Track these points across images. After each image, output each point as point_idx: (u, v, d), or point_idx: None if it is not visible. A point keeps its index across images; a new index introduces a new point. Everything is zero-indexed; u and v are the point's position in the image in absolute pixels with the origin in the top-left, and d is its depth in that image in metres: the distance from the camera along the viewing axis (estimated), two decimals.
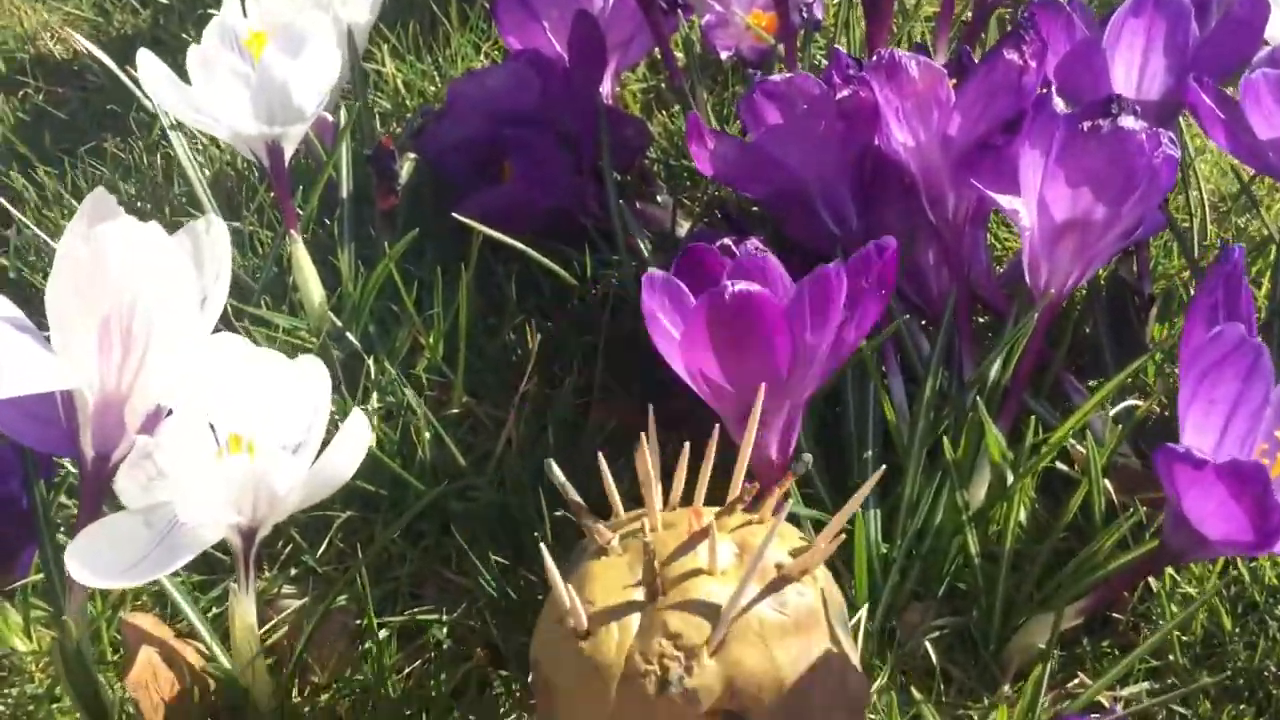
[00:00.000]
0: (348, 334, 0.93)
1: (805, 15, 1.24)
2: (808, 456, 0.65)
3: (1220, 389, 0.51)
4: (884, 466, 0.70)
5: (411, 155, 1.02)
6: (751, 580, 0.59)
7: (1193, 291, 0.95)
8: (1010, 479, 0.76)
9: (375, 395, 0.90)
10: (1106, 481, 0.75)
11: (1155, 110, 0.89)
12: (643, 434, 0.63)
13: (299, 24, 0.87)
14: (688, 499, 0.65)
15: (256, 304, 0.94)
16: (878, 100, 0.83)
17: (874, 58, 0.83)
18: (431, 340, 0.93)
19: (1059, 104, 0.76)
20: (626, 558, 0.62)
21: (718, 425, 0.66)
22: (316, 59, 0.84)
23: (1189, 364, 0.54)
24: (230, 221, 1.02)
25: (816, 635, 0.60)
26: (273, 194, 1.00)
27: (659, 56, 1.20)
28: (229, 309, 0.94)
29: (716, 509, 0.64)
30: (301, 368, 0.68)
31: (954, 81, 0.82)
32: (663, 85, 1.29)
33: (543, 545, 0.59)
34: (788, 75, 0.84)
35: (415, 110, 1.26)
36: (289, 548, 0.84)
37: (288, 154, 0.88)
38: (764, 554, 0.59)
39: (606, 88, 1.16)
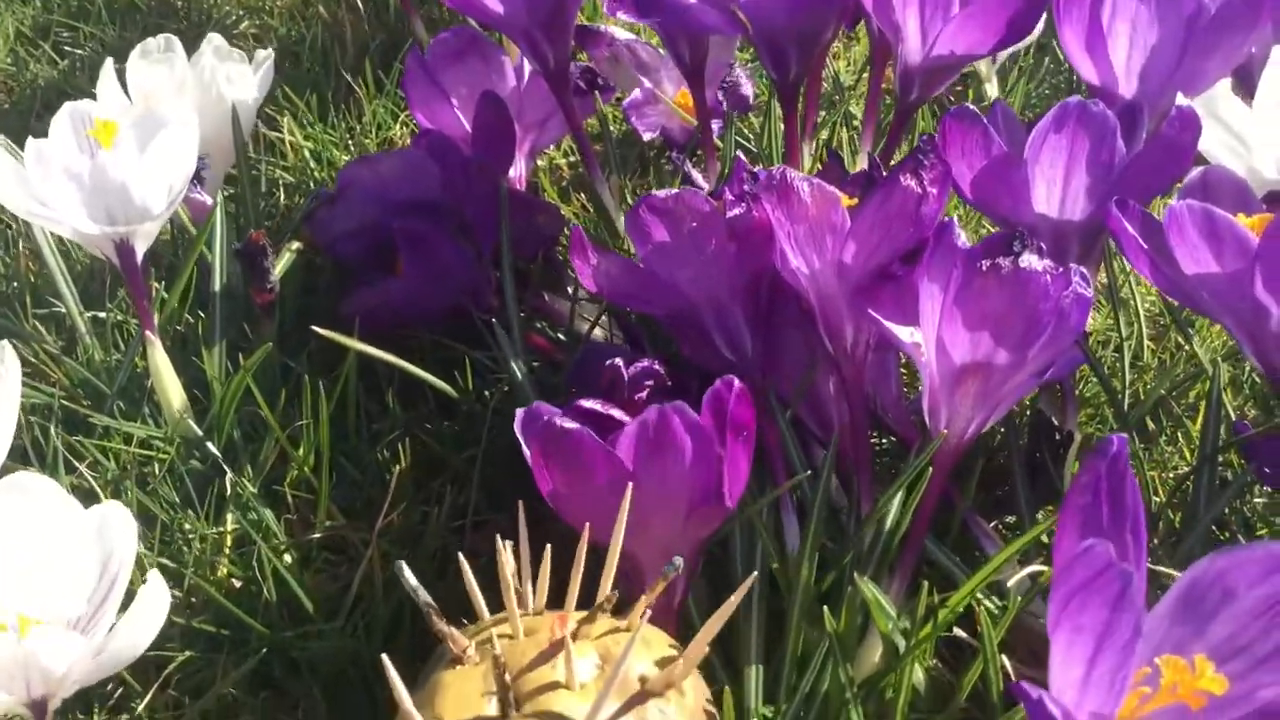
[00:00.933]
0: (208, 443, 0.87)
1: (728, 95, 1.19)
2: (678, 560, 0.62)
3: (1087, 615, 0.45)
4: (754, 575, 0.66)
5: (295, 246, 0.95)
6: (609, 696, 0.55)
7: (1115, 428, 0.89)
8: (902, 647, 0.70)
9: (231, 515, 0.83)
10: (1004, 658, 0.68)
11: (1079, 232, 0.83)
12: (498, 536, 0.61)
13: (157, 111, 0.81)
14: (559, 603, 0.62)
15: (110, 410, 0.87)
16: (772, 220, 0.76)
17: (765, 177, 0.76)
18: (301, 452, 0.86)
19: (960, 236, 0.70)
20: (482, 667, 0.59)
21: (587, 525, 0.63)
22: (168, 152, 0.77)
23: (1058, 578, 0.47)
24: (92, 311, 0.95)
25: None
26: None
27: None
28: (80, 418, 0.88)
29: (583, 614, 0.61)
30: (102, 517, 0.62)
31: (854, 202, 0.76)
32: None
33: (384, 657, 0.55)
34: (675, 191, 0.78)
35: (323, 182, 1.20)
36: (119, 690, 0.77)
37: (141, 250, 0.81)
38: (623, 666, 0.55)
39: (519, 170, 1.10)
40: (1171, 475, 0.90)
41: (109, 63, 0.96)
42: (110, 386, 0.87)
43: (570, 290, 1.04)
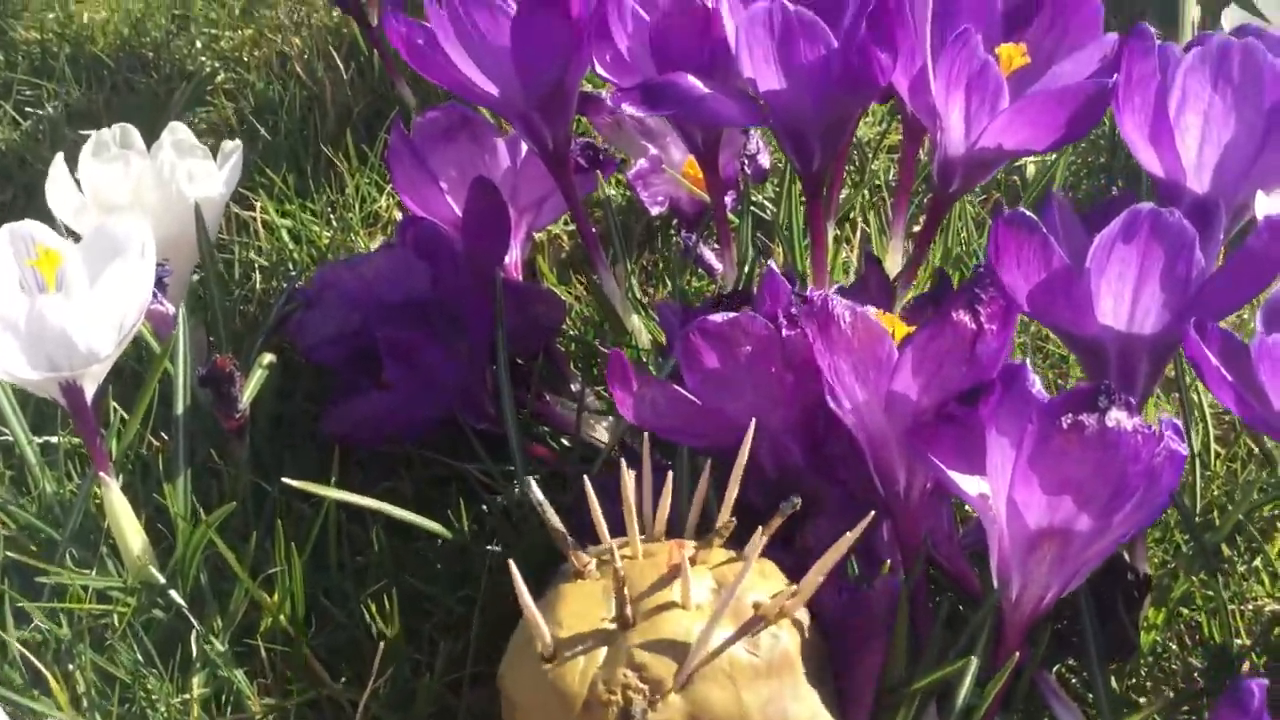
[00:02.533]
0: (171, 591, 0.77)
1: (747, 165, 1.09)
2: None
3: None
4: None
5: (267, 361, 0.85)
6: (724, 618, 0.58)
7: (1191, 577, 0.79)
8: None
9: (199, 675, 0.74)
10: None
11: (1149, 348, 0.73)
12: (623, 462, 0.64)
13: (109, 226, 0.71)
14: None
15: (61, 559, 0.78)
16: None
17: (804, 301, 0.67)
18: (275, 599, 0.77)
19: (1034, 384, 0.60)
20: (602, 584, 0.62)
21: (709, 461, 0.68)
22: (118, 287, 0.68)
23: None
24: (44, 436, 0.86)
25: (789, 681, 0.60)
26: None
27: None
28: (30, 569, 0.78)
29: (695, 542, 0.65)
30: None
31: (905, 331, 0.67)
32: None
33: (511, 563, 0.59)
34: (731, 315, 0.69)
35: (303, 264, 1.10)
36: None
37: (90, 390, 0.71)
38: (737, 591, 0.59)
39: (515, 255, 1.00)
40: (1251, 608, 0.81)
41: (58, 161, 0.86)
42: (63, 529, 0.78)
43: (575, 388, 0.94)
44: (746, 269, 0.97)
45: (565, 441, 0.92)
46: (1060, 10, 0.82)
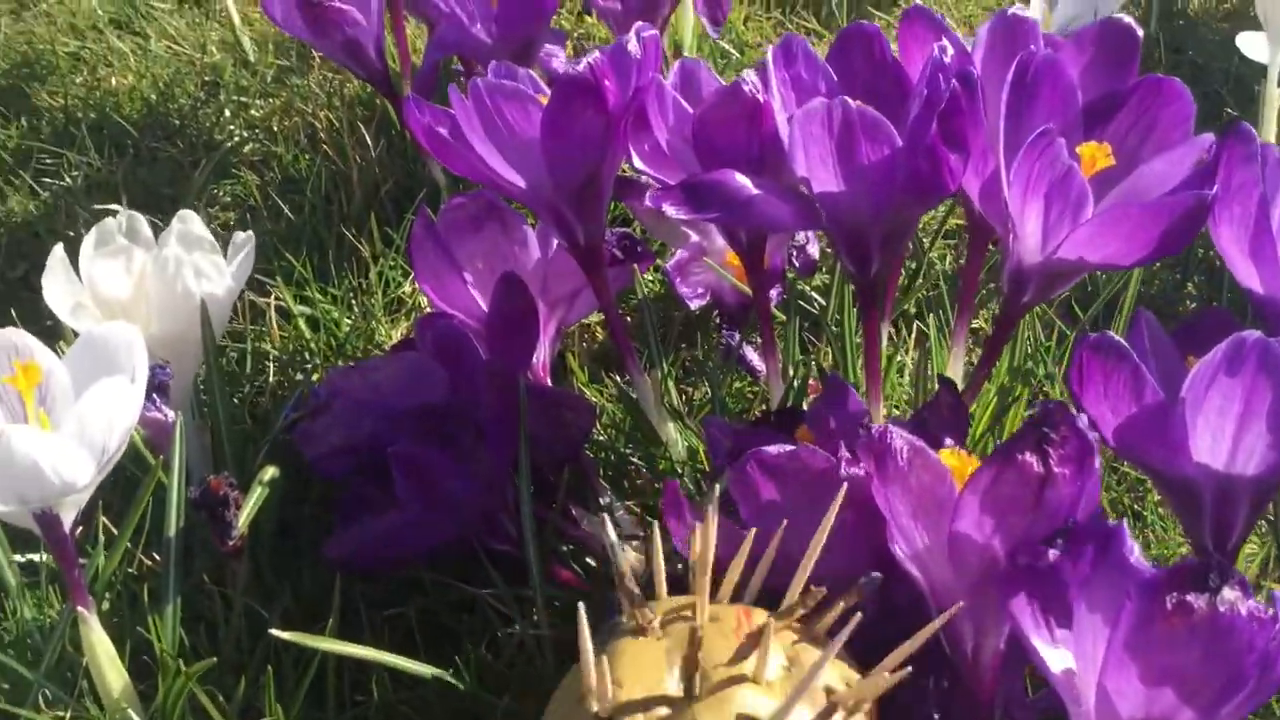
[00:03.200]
0: None
1: (795, 256, 1.02)
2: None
3: None
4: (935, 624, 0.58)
5: (268, 476, 0.78)
6: (799, 701, 0.55)
7: None
8: None
9: None
10: None
11: (1251, 488, 0.65)
12: (696, 522, 0.61)
13: (100, 340, 0.65)
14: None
15: (34, 703, 0.70)
16: None
17: (861, 432, 0.60)
18: None
19: (1134, 551, 0.52)
20: (665, 643, 0.58)
21: (784, 523, 0.62)
22: (101, 412, 0.61)
23: None
24: (28, 555, 0.79)
25: None
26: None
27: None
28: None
29: (767, 612, 0.60)
30: None
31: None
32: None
33: (580, 606, 0.55)
34: (788, 448, 0.62)
35: (321, 354, 1.04)
36: None
37: (69, 520, 0.64)
38: (817, 673, 0.55)
39: (543, 354, 0.93)
40: None
41: (57, 252, 0.80)
42: (38, 665, 0.70)
43: (605, 501, 0.87)
44: (793, 374, 0.89)
45: (591, 562, 0.84)
46: (1147, 103, 0.74)
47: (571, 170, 0.81)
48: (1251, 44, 1.18)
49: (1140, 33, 0.77)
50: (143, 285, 0.79)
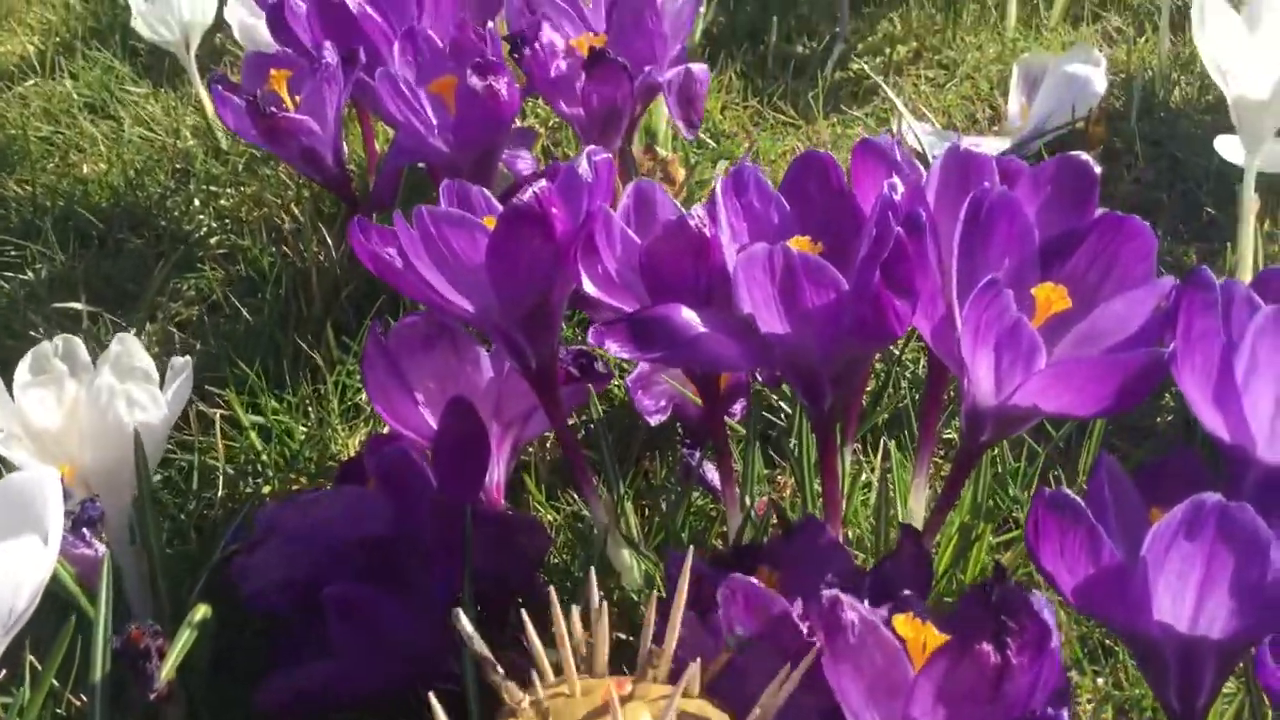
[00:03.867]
0: None
1: (758, 370, 1.00)
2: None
3: None
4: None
5: (200, 616, 0.75)
6: None
7: None
8: None
9: None
10: None
11: (1216, 651, 0.62)
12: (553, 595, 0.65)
13: (13, 491, 0.62)
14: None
15: None
16: None
17: (811, 601, 0.57)
18: None
19: None
20: None
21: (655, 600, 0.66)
22: (12, 565, 0.58)
23: None
24: None
25: None
26: None
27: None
28: None
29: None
30: None
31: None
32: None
33: (431, 696, 0.59)
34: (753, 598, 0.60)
35: (274, 466, 1.01)
36: None
37: None
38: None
39: (496, 475, 0.90)
40: None
41: None
42: None
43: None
44: (750, 503, 0.86)
45: None
46: (1107, 240, 0.72)
47: (520, 297, 0.79)
48: (1229, 147, 1.16)
49: (1099, 171, 0.75)
50: (75, 415, 0.77)
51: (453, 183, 0.86)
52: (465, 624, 0.63)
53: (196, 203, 1.42)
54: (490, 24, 1.10)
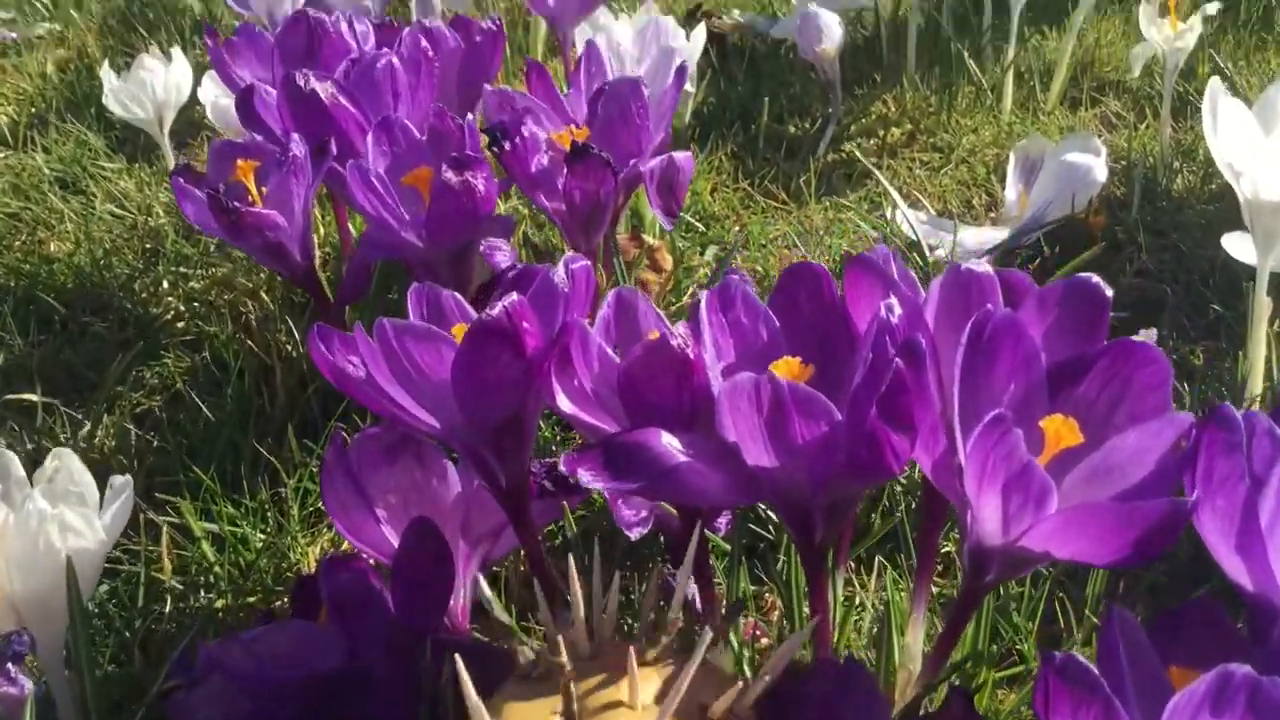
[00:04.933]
0: None
1: None
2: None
3: None
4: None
5: None
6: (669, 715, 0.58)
7: None
8: None
9: None
10: None
11: None
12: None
13: None
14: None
15: None
16: None
17: None
18: None
19: None
20: (549, 685, 0.62)
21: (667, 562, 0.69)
22: None
23: None
24: None
25: None
26: None
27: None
28: None
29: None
30: None
31: None
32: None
33: (458, 658, 0.59)
34: None
35: (226, 578, 0.95)
36: None
37: None
38: (682, 689, 0.58)
39: (462, 596, 0.84)
40: None
41: None
42: None
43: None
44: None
45: None
46: (1118, 366, 0.66)
47: (488, 416, 0.73)
48: (1239, 245, 1.11)
49: (1110, 293, 0.70)
50: (4, 540, 0.71)
51: (422, 288, 0.80)
52: (485, 588, 0.68)
53: (165, 285, 1.37)
54: (470, 115, 1.05)
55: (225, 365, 1.18)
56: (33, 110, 1.84)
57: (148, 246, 1.45)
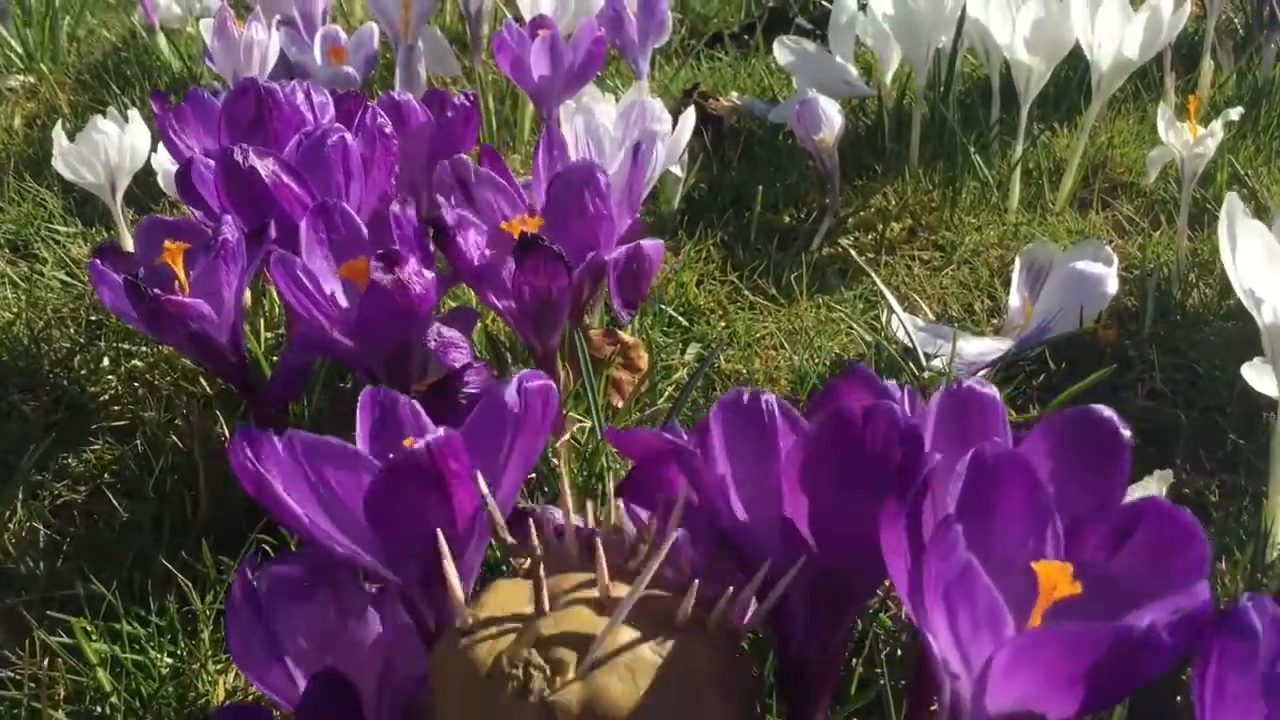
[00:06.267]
0: None
1: None
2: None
3: None
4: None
5: None
6: (640, 620, 0.59)
7: None
8: None
9: None
10: None
11: None
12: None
13: None
14: None
15: None
16: None
17: None
18: None
19: None
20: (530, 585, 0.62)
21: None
22: None
23: None
24: None
25: (695, 691, 0.58)
26: None
27: None
28: None
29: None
30: None
31: None
32: None
33: (440, 536, 0.61)
34: None
35: (125, 707, 0.84)
36: None
37: None
38: (643, 585, 0.58)
39: None
40: None
41: None
42: None
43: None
44: None
45: None
46: (1157, 541, 0.56)
47: (411, 560, 0.63)
48: (1259, 376, 1.02)
49: (1128, 435, 0.60)
50: None
51: (376, 393, 0.71)
52: (483, 486, 0.63)
53: (106, 361, 1.28)
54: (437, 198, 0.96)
55: (153, 459, 1.08)
56: None
57: (93, 319, 1.36)
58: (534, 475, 1.03)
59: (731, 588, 0.60)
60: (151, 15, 2.04)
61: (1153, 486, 0.88)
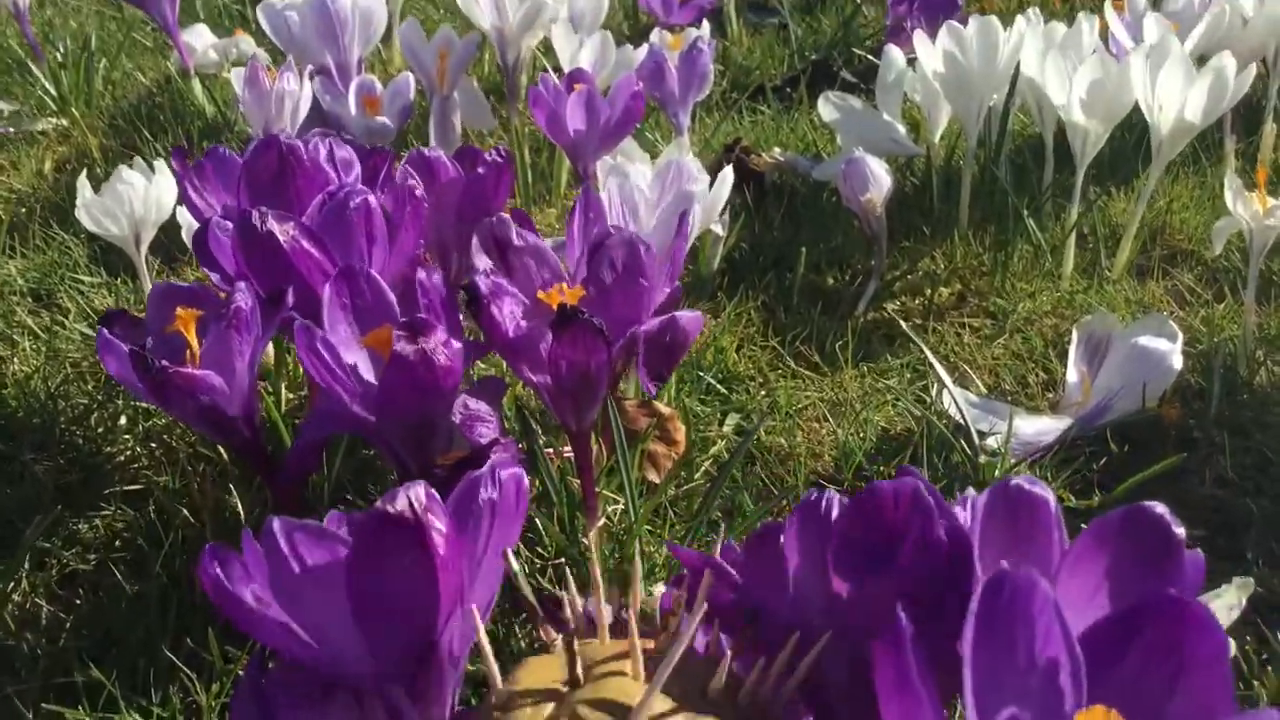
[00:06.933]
0: None
1: None
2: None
3: None
4: None
5: None
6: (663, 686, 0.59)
7: None
8: None
9: None
10: None
11: None
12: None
13: None
14: None
15: None
16: None
17: None
18: None
19: None
20: (564, 657, 0.63)
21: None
22: None
23: None
24: None
25: None
26: None
27: None
28: None
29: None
30: None
31: None
32: None
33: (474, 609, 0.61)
34: None
35: None
36: None
37: None
38: (679, 652, 0.58)
39: None
40: None
41: None
42: None
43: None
44: None
45: None
46: (1164, 639, 0.50)
47: (392, 644, 0.58)
48: None
49: (1182, 533, 0.54)
50: None
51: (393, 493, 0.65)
52: (512, 560, 0.66)
53: (124, 420, 1.23)
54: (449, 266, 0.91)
55: (164, 529, 1.03)
56: (25, 209, 1.73)
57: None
58: (563, 560, 0.97)
59: (763, 659, 0.61)
60: (187, 60, 2.01)
61: (1231, 595, 0.81)
